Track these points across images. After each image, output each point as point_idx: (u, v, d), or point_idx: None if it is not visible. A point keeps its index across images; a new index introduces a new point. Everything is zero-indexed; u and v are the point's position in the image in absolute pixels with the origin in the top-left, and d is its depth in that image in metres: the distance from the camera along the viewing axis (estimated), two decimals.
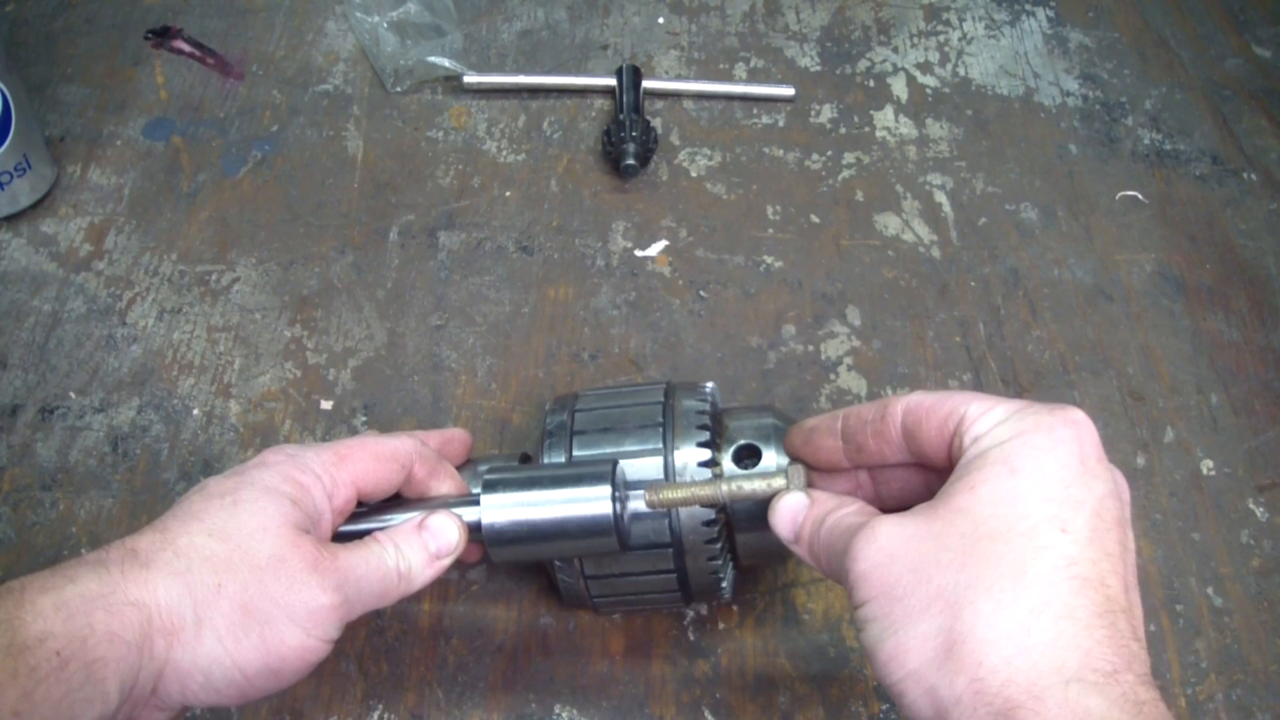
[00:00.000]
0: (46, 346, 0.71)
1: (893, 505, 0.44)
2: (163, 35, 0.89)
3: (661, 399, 0.54)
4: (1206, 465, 0.67)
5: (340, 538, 0.49)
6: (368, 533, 0.49)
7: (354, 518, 0.51)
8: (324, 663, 0.58)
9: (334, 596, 0.44)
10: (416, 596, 0.61)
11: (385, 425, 0.67)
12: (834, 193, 0.81)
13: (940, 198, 0.80)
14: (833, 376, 0.71)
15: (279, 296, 0.74)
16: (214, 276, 0.75)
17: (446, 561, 0.49)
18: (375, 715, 0.57)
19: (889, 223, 0.79)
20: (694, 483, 0.50)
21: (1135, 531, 0.63)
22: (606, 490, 0.48)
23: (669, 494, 0.48)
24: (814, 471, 0.51)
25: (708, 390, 0.56)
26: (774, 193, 0.80)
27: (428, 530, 0.49)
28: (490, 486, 0.50)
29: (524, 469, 0.53)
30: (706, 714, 0.58)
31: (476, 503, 0.50)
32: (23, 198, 0.77)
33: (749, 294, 0.75)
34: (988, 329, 0.73)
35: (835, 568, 0.43)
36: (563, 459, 0.53)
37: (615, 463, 0.50)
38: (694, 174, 0.81)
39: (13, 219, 0.77)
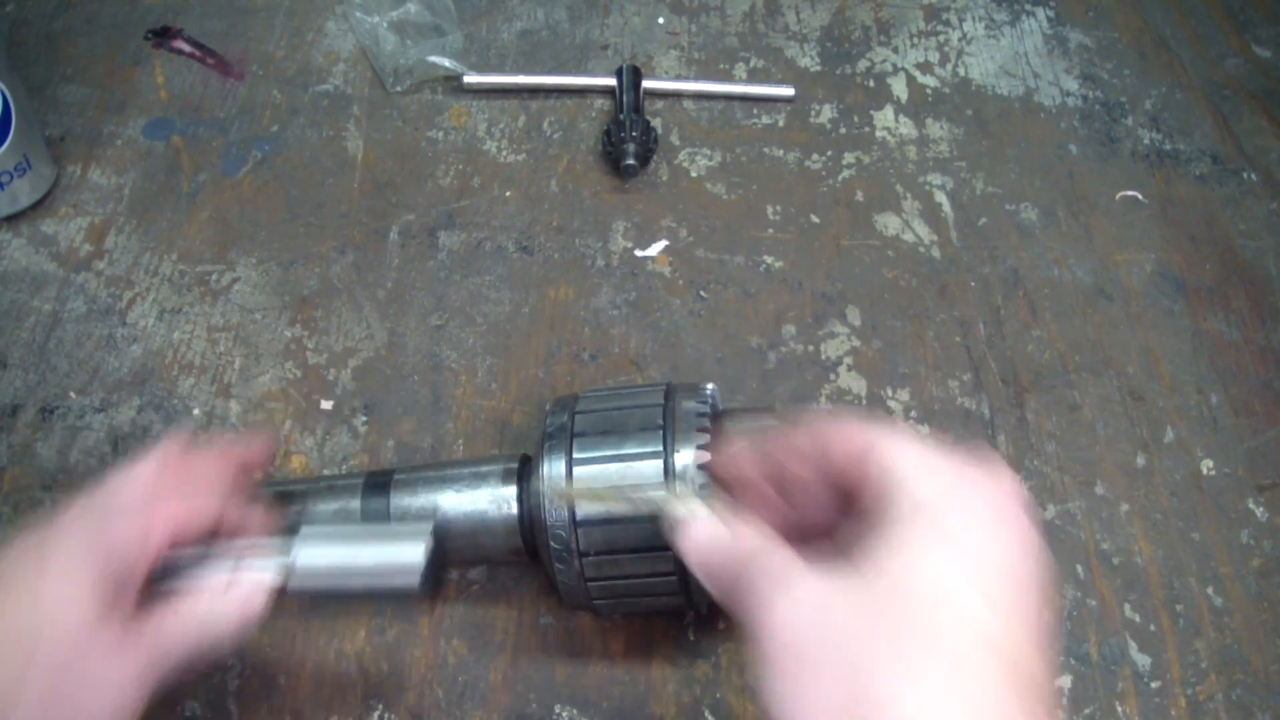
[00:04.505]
0: (46, 346, 0.71)
1: (799, 520, 0.44)
2: (163, 35, 0.89)
3: (662, 400, 0.54)
4: (1206, 465, 0.67)
5: (151, 594, 0.48)
6: (177, 589, 0.48)
7: (164, 571, 0.49)
8: (324, 663, 0.58)
9: (142, 674, 0.44)
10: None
11: (385, 425, 0.67)
12: (834, 193, 0.81)
13: (940, 198, 0.80)
14: (833, 376, 0.71)
15: (279, 296, 0.74)
16: (214, 276, 0.75)
17: (258, 615, 0.48)
18: (375, 715, 0.57)
19: (889, 223, 0.79)
20: (601, 490, 0.50)
21: (1135, 531, 0.64)
22: (419, 555, 0.48)
23: (573, 494, 0.48)
24: (722, 485, 0.50)
25: (708, 392, 0.56)
26: (774, 193, 0.80)
27: (237, 585, 0.48)
28: (305, 539, 0.50)
29: (340, 528, 0.53)
30: (707, 714, 0.58)
31: (289, 547, 0.49)
32: (23, 198, 0.77)
33: (749, 294, 0.75)
34: (988, 329, 0.73)
35: (736, 603, 0.42)
36: (562, 461, 0.53)
37: (432, 525, 0.50)
38: (694, 174, 0.81)
39: (13, 219, 0.77)
